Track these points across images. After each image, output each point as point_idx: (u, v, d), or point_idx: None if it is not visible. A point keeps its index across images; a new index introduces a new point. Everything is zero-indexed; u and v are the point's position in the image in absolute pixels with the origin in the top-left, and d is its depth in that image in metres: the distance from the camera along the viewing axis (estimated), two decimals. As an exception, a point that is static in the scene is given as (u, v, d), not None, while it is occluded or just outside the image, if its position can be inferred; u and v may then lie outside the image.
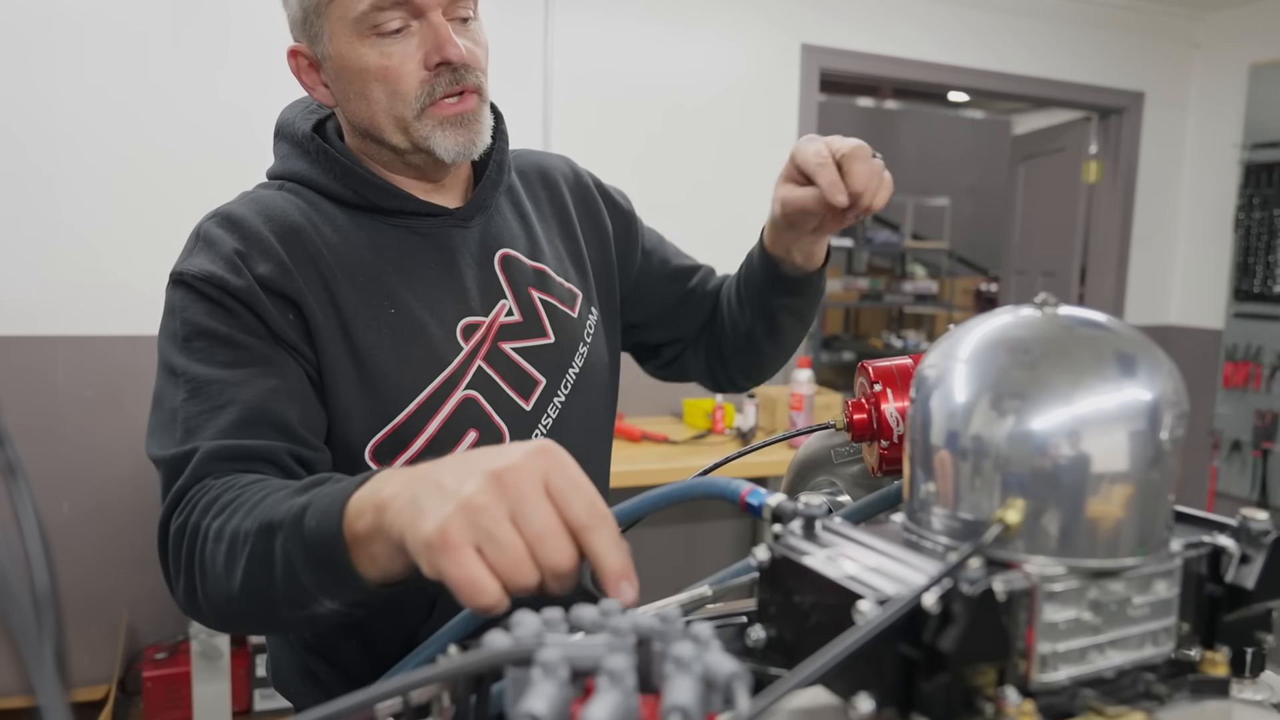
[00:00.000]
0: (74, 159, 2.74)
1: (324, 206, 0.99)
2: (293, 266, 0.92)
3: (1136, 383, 0.51)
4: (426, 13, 0.92)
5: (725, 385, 1.27)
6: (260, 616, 0.75)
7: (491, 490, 0.56)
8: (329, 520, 0.65)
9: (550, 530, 0.56)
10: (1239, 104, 4.19)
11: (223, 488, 0.78)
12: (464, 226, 1.03)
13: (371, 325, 0.94)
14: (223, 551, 0.73)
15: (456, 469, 0.59)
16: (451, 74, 0.94)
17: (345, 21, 0.92)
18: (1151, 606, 0.51)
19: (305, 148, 1.01)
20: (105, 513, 2.83)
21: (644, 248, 1.23)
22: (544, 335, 1.04)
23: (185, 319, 0.89)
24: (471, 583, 0.55)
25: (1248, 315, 4.13)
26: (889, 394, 0.77)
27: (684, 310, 1.23)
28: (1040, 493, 0.50)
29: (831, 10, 3.67)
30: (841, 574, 0.48)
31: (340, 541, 0.64)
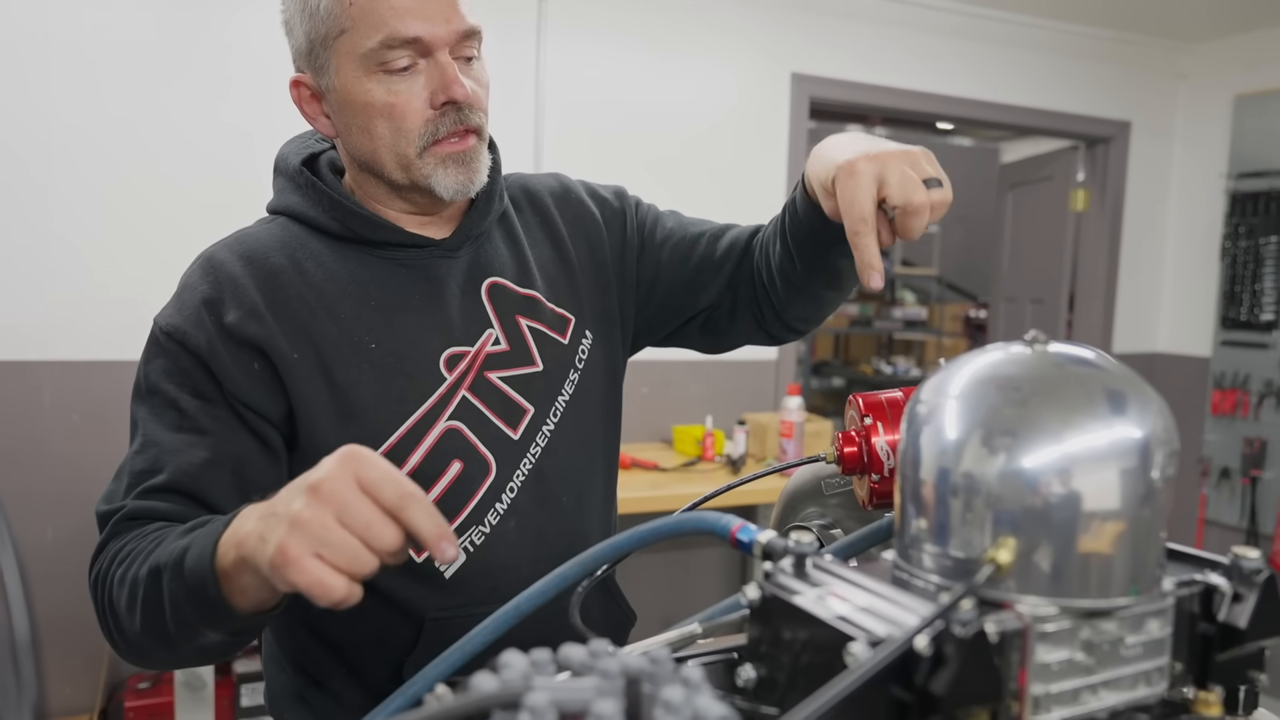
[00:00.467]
0: (67, 180, 2.73)
1: (311, 243, 1.00)
2: (267, 310, 0.94)
3: (1127, 420, 0.51)
4: (434, 52, 0.93)
5: (783, 336, 1.19)
6: (162, 650, 0.83)
7: (313, 503, 0.65)
8: (202, 560, 0.74)
9: (373, 520, 0.65)
10: (1224, 134, 4.24)
11: (131, 538, 0.87)
12: (451, 257, 1.03)
13: (351, 361, 0.95)
14: (125, 596, 0.82)
15: (286, 493, 0.68)
16: (456, 114, 0.95)
17: (353, 56, 0.93)
18: (1144, 646, 0.51)
19: (296, 181, 1.02)
20: (89, 539, 2.77)
21: (656, 239, 1.19)
22: (532, 363, 1.04)
23: (147, 372, 0.95)
24: (318, 584, 0.64)
25: (1235, 343, 4.15)
26: (879, 427, 0.77)
27: (696, 282, 1.18)
28: (1032, 531, 0.49)
29: (822, 39, 3.71)
30: (832, 614, 0.48)
31: (212, 578, 0.73)
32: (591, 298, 1.13)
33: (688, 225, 1.21)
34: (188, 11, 2.82)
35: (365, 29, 0.92)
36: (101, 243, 2.78)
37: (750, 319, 1.17)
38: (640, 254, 1.18)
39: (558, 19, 3.24)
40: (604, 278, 1.15)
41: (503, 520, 0.99)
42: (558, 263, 1.12)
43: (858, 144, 0.87)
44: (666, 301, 1.18)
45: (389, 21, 0.91)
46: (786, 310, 1.13)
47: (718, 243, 1.17)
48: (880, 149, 0.84)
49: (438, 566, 0.97)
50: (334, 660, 1.01)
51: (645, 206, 1.23)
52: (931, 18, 3.88)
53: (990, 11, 3.96)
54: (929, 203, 0.81)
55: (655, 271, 1.18)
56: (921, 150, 0.85)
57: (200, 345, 0.92)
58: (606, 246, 1.16)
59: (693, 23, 3.49)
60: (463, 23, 0.94)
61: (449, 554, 0.65)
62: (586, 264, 1.14)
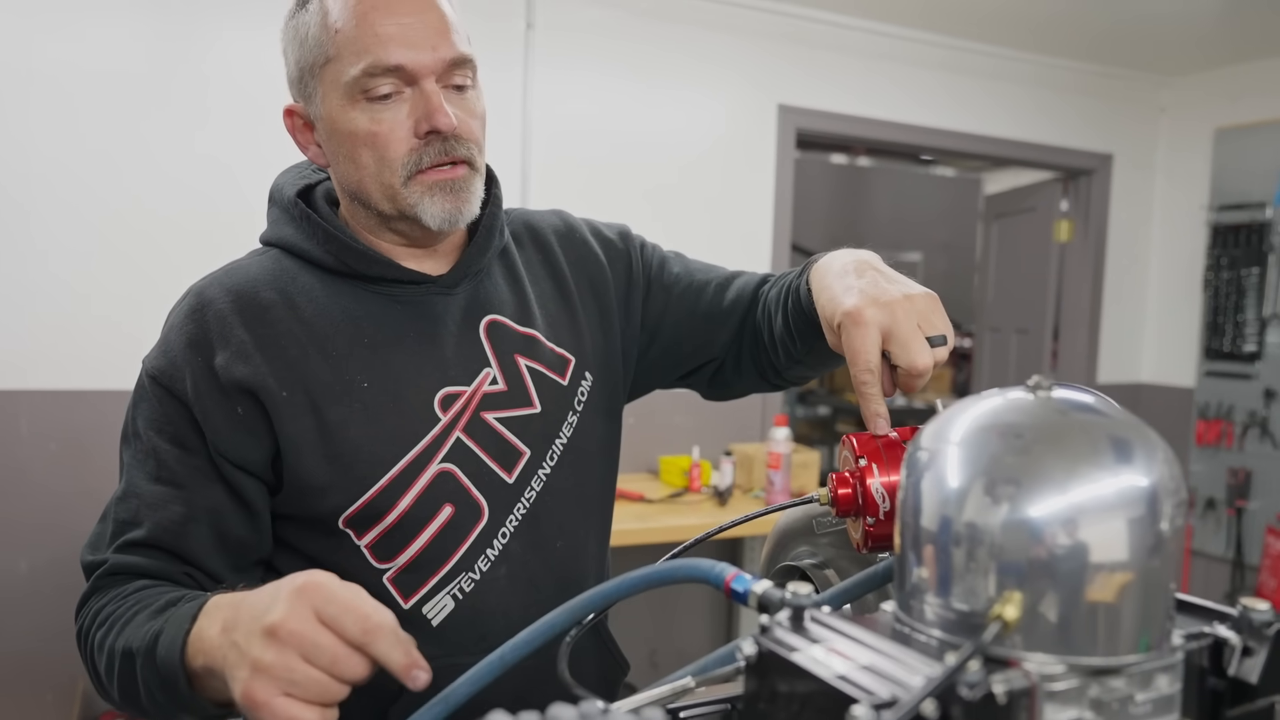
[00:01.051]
0: (49, 208, 2.71)
1: (303, 277, 0.97)
2: (255, 348, 0.91)
3: (1134, 469, 0.49)
4: (420, 80, 0.91)
5: (784, 386, 1.19)
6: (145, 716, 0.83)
7: (273, 646, 0.65)
8: (172, 654, 0.74)
9: (338, 655, 0.64)
10: (1205, 166, 4.29)
11: (111, 598, 0.87)
12: (448, 294, 1.00)
13: (342, 399, 0.92)
14: (104, 663, 0.83)
15: (244, 627, 0.68)
16: (442, 144, 0.92)
17: (338, 84, 0.91)
18: (1154, 703, 0.49)
19: (290, 213, 1.00)
20: (64, 571, 2.74)
21: (663, 282, 1.17)
22: (530, 405, 1.01)
23: (133, 416, 0.94)
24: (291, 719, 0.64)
25: (1218, 374, 4.17)
26: (874, 469, 0.76)
27: (704, 331, 1.16)
28: (1037, 584, 0.48)
29: (809, 71, 3.73)
30: (833, 674, 0.46)
31: (182, 675, 0.73)
32: (593, 338, 1.10)
33: (694, 271, 1.19)
34: (169, 42, 2.81)
35: (349, 56, 0.90)
36: (82, 272, 2.75)
37: (754, 372, 1.16)
38: (646, 296, 1.16)
39: (545, 49, 3.25)
40: (606, 318, 1.12)
41: (494, 566, 0.97)
42: (559, 301, 1.09)
43: (864, 280, 0.86)
44: (671, 348, 1.16)
45: (372, 49, 0.89)
46: (786, 370, 1.12)
47: (725, 292, 1.15)
48: (888, 295, 0.83)
49: (425, 614, 0.94)
50: None
51: (650, 248, 1.20)
52: (917, 51, 3.91)
53: (974, 45, 4.00)
54: (931, 366, 0.81)
55: (661, 315, 1.16)
56: (926, 296, 0.84)
57: (185, 391, 0.91)
58: (610, 287, 1.13)
59: (681, 53, 3.50)
60: (450, 50, 0.92)
61: (421, 681, 0.64)
62: (589, 303, 1.11)
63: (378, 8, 0.90)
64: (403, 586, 0.94)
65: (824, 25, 3.72)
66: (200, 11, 2.82)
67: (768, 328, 1.09)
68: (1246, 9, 3.52)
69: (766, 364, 1.13)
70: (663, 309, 1.16)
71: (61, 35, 2.68)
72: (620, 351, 1.13)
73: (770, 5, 3.60)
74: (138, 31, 2.77)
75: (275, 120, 1.04)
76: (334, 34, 0.90)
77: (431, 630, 0.94)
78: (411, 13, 0.90)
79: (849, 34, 3.77)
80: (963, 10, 3.64)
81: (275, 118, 1.04)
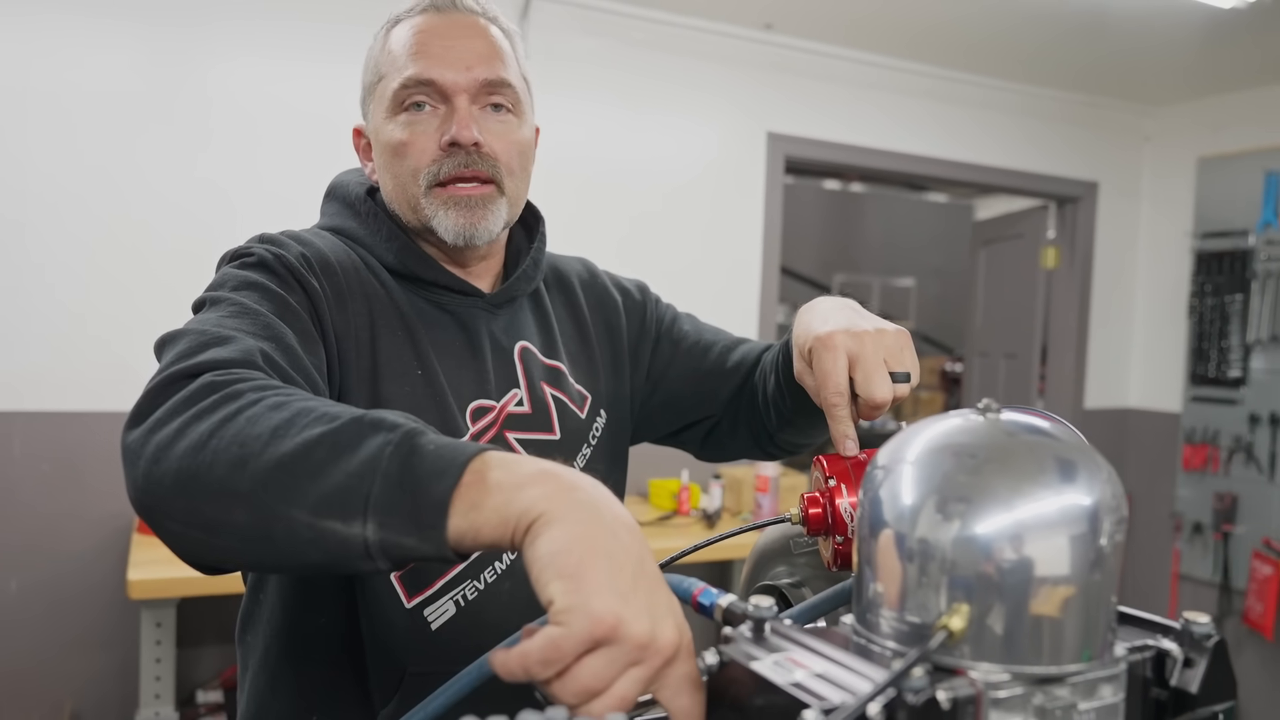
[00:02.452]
0: (48, 230, 2.73)
1: (370, 261, 1.01)
2: (348, 297, 0.94)
3: (1076, 488, 0.52)
4: (453, 97, 0.96)
5: (777, 454, 1.21)
6: (254, 499, 0.62)
7: (668, 648, 0.53)
8: (455, 452, 0.59)
9: (617, 698, 0.53)
10: (1189, 194, 4.35)
11: (285, 385, 0.70)
12: (492, 312, 1.04)
13: (398, 379, 0.95)
14: (278, 419, 0.63)
15: (657, 590, 0.55)
16: (463, 156, 0.95)
17: (383, 99, 0.98)
18: (1097, 712, 0.52)
19: (357, 208, 1.04)
20: (54, 591, 2.75)
21: (672, 336, 1.21)
22: (551, 430, 1.04)
23: (237, 275, 0.87)
24: (577, 678, 0.52)
25: (1204, 399, 4.21)
26: (843, 489, 0.78)
27: (706, 388, 1.19)
28: (985, 597, 0.50)
29: (797, 98, 3.79)
30: (788, 681, 0.48)
31: (453, 478, 0.58)
32: (607, 380, 1.14)
33: (703, 331, 1.23)
34: (167, 67, 2.84)
35: (393, 73, 0.97)
36: (77, 293, 2.78)
37: (749, 436, 1.18)
38: (655, 346, 1.20)
39: (540, 76, 3.28)
40: (619, 362, 1.16)
41: (499, 580, 0.98)
42: (579, 342, 1.14)
43: (840, 315, 0.89)
44: (671, 401, 1.20)
45: (412, 65, 0.96)
46: (778, 434, 1.15)
47: (729, 355, 1.19)
48: (860, 326, 0.86)
49: (425, 616, 0.95)
50: (306, 708, 0.98)
51: (665, 305, 1.25)
52: (904, 80, 3.98)
53: (961, 75, 4.07)
54: (890, 399, 0.83)
55: (666, 367, 1.20)
56: (897, 332, 0.87)
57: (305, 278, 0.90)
58: (624, 333, 1.18)
59: (672, 82, 3.56)
60: (486, 72, 0.97)
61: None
62: (605, 347, 1.16)
63: (430, 31, 0.97)
64: (408, 585, 0.95)
65: (813, 55, 3.78)
66: (199, 35, 2.86)
67: (762, 389, 1.13)
68: (1227, 42, 3.59)
69: (759, 427, 1.16)
70: (669, 361, 1.20)
71: (60, 59, 2.72)
72: (629, 395, 1.18)
73: (760, 35, 3.66)
74: (135, 59, 2.81)
75: (273, 144, 1.08)
76: (388, 55, 0.99)
77: (430, 634, 0.95)
78: (459, 38, 0.97)
79: (837, 63, 3.84)
80: (949, 41, 3.71)
81: (273, 142, 1.07)
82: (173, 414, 0.66)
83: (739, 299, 3.75)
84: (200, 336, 0.75)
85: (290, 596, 0.98)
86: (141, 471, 0.66)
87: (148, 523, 0.67)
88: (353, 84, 1.09)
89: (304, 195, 1.52)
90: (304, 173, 2.84)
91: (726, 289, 3.72)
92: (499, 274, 1.09)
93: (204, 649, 2.96)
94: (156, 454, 0.65)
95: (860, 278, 7.70)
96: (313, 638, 0.97)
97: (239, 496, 0.62)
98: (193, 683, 2.92)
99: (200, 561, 0.69)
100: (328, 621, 0.96)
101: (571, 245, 1.27)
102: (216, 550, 0.66)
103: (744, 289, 3.76)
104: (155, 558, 2.39)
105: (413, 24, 0.99)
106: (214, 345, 0.74)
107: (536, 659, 0.52)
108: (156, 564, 2.33)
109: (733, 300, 3.73)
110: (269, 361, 0.76)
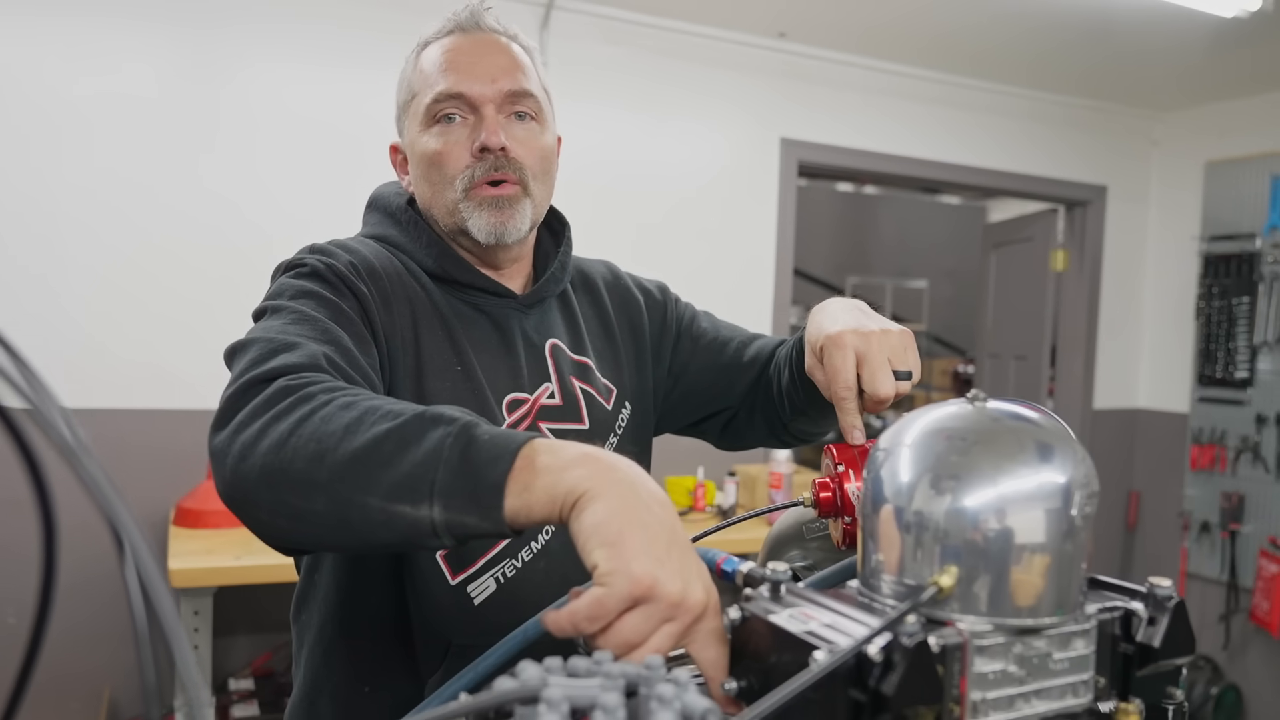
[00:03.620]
0: (88, 234, 2.83)
1: (410, 266, 1.09)
2: (393, 299, 1.02)
3: (1052, 467, 0.60)
4: (481, 108, 1.05)
5: (791, 443, 1.30)
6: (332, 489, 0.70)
7: (698, 606, 0.62)
8: (507, 440, 0.67)
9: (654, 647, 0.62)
10: (1196, 198, 4.40)
11: (350, 385, 0.78)
12: (524, 311, 1.13)
13: (440, 375, 1.03)
14: (349, 417, 0.71)
15: (687, 556, 0.63)
16: (494, 160, 1.05)
17: (418, 114, 1.07)
18: (1070, 662, 0.59)
19: (398, 218, 1.12)
20: (90, 587, 2.83)
21: (692, 333, 1.29)
22: (580, 421, 1.12)
23: (293, 285, 0.95)
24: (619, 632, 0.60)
25: (1211, 400, 4.26)
26: (851, 474, 0.86)
27: (724, 381, 1.27)
28: (972, 560, 0.58)
29: (810, 105, 3.86)
30: (802, 629, 0.56)
31: (507, 463, 0.66)
32: (630, 374, 1.23)
33: (720, 328, 1.31)
34: (202, 73, 2.94)
35: (426, 89, 1.06)
36: (112, 294, 2.86)
37: (764, 425, 1.27)
38: (676, 342, 1.29)
39: (557, 83, 3.37)
40: (642, 358, 1.25)
41: (535, 559, 1.06)
42: (604, 339, 1.22)
43: (849, 316, 0.97)
44: (691, 394, 1.29)
45: (443, 80, 1.05)
46: (791, 423, 1.23)
47: (745, 350, 1.27)
48: (867, 327, 0.94)
49: (469, 592, 1.02)
50: (358, 679, 1.05)
51: (684, 303, 1.34)
52: (914, 86, 4.04)
53: (969, 81, 4.13)
54: (892, 394, 0.92)
55: (687, 362, 1.28)
56: (901, 333, 0.95)
57: (357, 287, 0.98)
58: (646, 330, 1.26)
59: (687, 89, 3.64)
60: (510, 83, 1.06)
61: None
62: (629, 343, 1.24)
63: (457, 50, 1.07)
64: (453, 564, 1.02)
65: (825, 62, 3.85)
66: (228, 49, 2.96)
67: (777, 381, 1.21)
68: (1233, 49, 3.64)
69: (774, 417, 1.24)
70: (689, 357, 1.28)
71: (91, 68, 2.82)
72: (651, 389, 1.26)
73: (774, 44, 3.73)
74: (177, 65, 2.90)
75: (282, 157, 1.16)
76: (420, 74, 1.08)
77: (472, 609, 1.02)
78: (484, 55, 1.07)
79: (849, 70, 3.91)
80: (959, 48, 3.77)
81: (308, 149, 1.15)
82: (253, 416, 0.75)
83: (753, 302, 3.82)
84: (269, 344, 0.84)
85: (343, 578, 1.06)
86: (229, 469, 0.74)
87: (237, 514, 0.76)
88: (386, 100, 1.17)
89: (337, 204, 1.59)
90: (331, 183, 2.94)
91: (740, 292, 3.79)
92: (529, 276, 1.18)
93: (237, 638, 3.05)
94: (242, 452, 0.74)
95: (873, 279, 7.75)
96: (364, 615, 1.05)
97: (318, 487, 0.70)
98: (226, 670, 3.01)
99: (286, 545, 0.79)
100: (378, 600, 1.03)
101: (590, 247, 1.35)
102: (301, 535, 0.75)
103: (757, 292, 3.83)
104: (193, 548, 2.47)
105: (441, 45, 1.08)
106: (283, 351, 0.83)
107: (584, 615, 0.61)
108: (194, 554, 2.42)
109: (747, 303, 3.80)
110: (332, 364, 0.85)
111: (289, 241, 1.16)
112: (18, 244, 2.76)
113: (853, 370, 0.92)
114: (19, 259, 2.76)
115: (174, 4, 2.88)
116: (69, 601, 2.81)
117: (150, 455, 2.86)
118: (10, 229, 2.75)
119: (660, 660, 0.53)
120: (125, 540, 0.40)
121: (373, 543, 0.72)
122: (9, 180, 2.74)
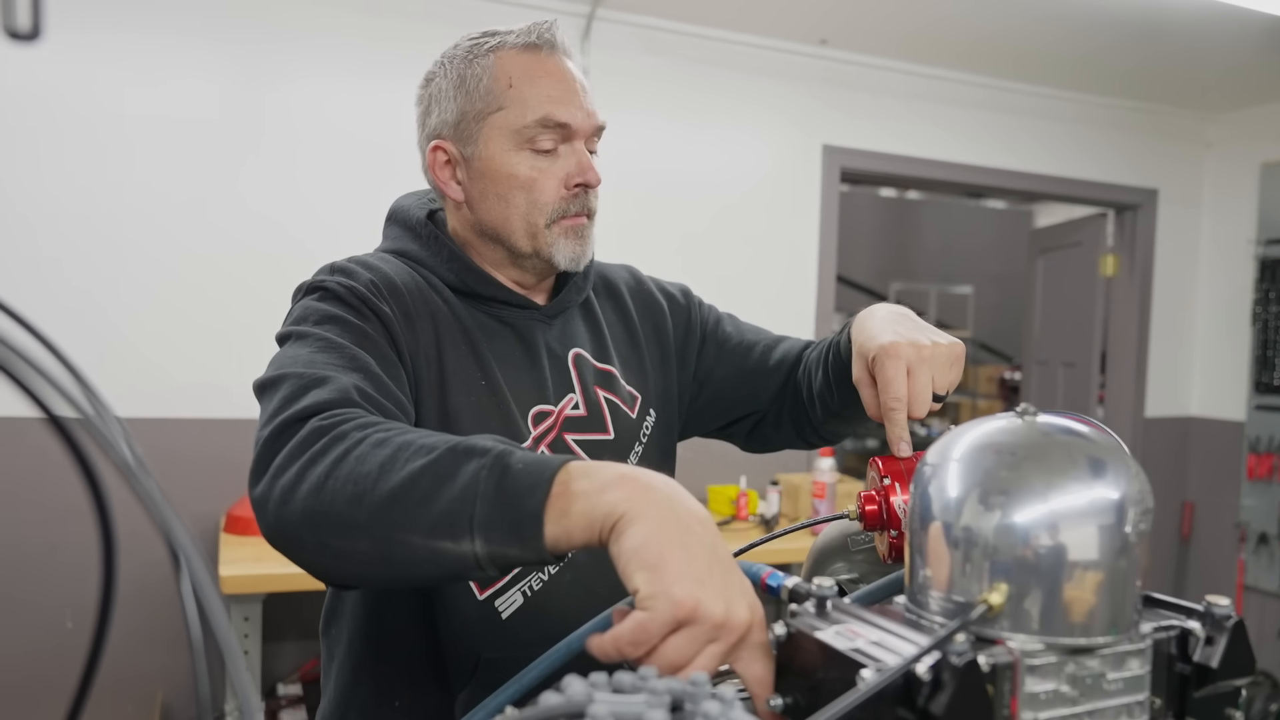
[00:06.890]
0: (142, 244, 2.90)
1: (432, 280, 1.09)
2: (415, 316, 1.03)
3: (1105, 483, 0.58)
4: (574, 139, 1.06)
5: (818, 444, 1.30)
6: (373, 529, 0.71)
7: (741, 626, 0.62)
8: (542, 467, 0.68)
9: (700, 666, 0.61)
10: (1252, 201, 4.30)
11: (382, 420, 0.79)
12: (547, 322, 1.13)
13: (464, 390, 1.03)
14: (383, 455, 0.72)
15: (730, 574, 0.63)
16: (585, 196, 1.07)
17: (505, 130, 1.05)
18: (1125, 682, 0.58)
19: (418, 232, 1.12)
20: (145, 592, 2.90)
21: (717, 337, 1.29)
22: (605, 431, 1.13)
23: (317, 309, 0.96)
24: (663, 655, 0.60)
25: (1268, 407, 4.15)
26: (897, 488, 0.85)
27: (751, 385, 1.27)
28: (1022, 578, 0.57)
29: (852, 111, 3.84)
30: (849, 647, 0.56)
31: (544, 489, 0.66)
32: (655, 380, 1.22)
33: (745, 331, 1.31)
34: (254, 91, 3.00)
35: (521, 110, 1.04)
36: (165, 309, 2.93)
37: (791, 428, 1.27)
38: (701, 347, 1.28)
39: (599, 93, 3.39)
40: (667, 363, 1.25)
41: (561, 571, 1.06)
42: (629, 345, 1.22)
43: (901, 325, 0.98)
44: (717, 398, 1.28)
45: (545, 106, 1.04)
46: (821, 426, 1.23)
47: (771, 353, 1.27)
48: (921, 340, 0.95)
49: (496, 606, 1.03)
50: (388, 695, 1.06)
51: (708, 307, 1.34)
52: (956, 91, 4.00)
53: (1013, 84, 4.08)
54: (925, 414, 0.93)
55: (712, 367, 1.28)
56: (951, 345, 0.96)
57: (379, 307, 0.99)
58: (670, 335, 1.26)
59: (729, 97, 3.64)
60: (599, 119, 1.08)
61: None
62: (653, 349, 1.24)
63: (548, 74, 1.06)
64: (478, 578, 1.04)
65: (866, 68, 3.83)
66: (269, 64, 3.02)
67: (807, 385, 1.20)
68: (1289, 46, 3.56)
69: (804, 420, 1.24)
70: (714, 361, 1.28)
71: (140, 82, 2.89)
72: (676, 393, 1.26)
73: (815, 51, 3.72)
74: (225, 82, 2.97)
75: (322, 170, 1.17)
76: (508, 88, 1.04)
77: (501, 623, 1.03)
78: (574, 82, 1.07)
79: (890, 76, 3.88)
80: (1002, 51, 3.73)
81: (326, 168, 1.16)
82: (290, 460, 0.77)
83: (795, 308, 3.81)
84: (299, 380, 0.85)
85: (370, 594, 1.06)
86: (272, 515, 0.76)
87: (286, 556, 0.79)
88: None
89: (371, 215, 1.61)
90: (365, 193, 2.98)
91: (783, 298, 3.78)
92: (551, 285, 1.18)
93: (285, 644, 3.10)
94: (282, 498, 0.75)
95: (917, 285, 7.67)
96: (392, 631, 1.06)
97: (359, 527, 0.72)
98: (274, 676, 3.06)
99: (336, 582, 0.82)
100: (406, 616, 1.04)
101: (631, 254, 1.36)
102: (348, 574, 0.77)
103: (801, 298, 3.82)
104: (243, 555, 2.52)
105: (525, 60, 1.05)
106: (314, 388, 0.84)
107: (628, 640, 0.61)
108: (244, 561, 2.46)
109: (790, 309, 3.78)
110: (363, 395, 0.86)
111: (328, 253, 1.17)
112: (72, 264, 2.83)
113: (904, 382, 0.92)
114: (74, 280, 2.84)
115: (223, 22, 2.94)
116: (124, 607, 2.87)
117: (201, 464, 2.92)
118: (62, 248, 2.83)
119: (705, 676, 0.53)
120: (181, 555, 0.41)
121: (418, 576, 0.73)
122: (60, 202, 2.82)
